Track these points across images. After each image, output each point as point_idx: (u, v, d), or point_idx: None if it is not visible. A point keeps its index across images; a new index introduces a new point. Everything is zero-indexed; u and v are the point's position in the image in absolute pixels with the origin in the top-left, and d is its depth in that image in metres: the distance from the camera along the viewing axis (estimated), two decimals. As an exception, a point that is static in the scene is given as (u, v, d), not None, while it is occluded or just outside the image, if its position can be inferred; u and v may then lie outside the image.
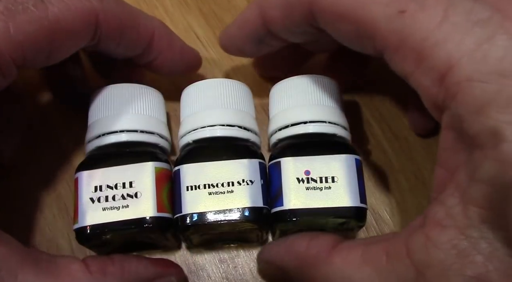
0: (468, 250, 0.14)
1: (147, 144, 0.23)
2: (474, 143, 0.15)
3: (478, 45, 0.14)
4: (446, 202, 0.15)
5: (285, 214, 0.21)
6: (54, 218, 0.25)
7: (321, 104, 0.23)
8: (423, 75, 0.16)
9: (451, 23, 0.15)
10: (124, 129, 0.22)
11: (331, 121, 0.22)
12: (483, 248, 0.14)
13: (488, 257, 0.14)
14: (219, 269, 0.24)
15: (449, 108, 0.15)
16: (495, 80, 0.14)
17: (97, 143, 0.22)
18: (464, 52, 0.15)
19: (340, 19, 0.18)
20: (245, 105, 0.24)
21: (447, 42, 0.15)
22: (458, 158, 0.16)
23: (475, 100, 0.14)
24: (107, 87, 0.23)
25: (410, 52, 0.16)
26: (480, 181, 0.14)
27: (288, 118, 0.23)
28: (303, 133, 0.22)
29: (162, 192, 0.21)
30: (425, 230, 0.16)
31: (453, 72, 0.15)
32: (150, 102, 0.23)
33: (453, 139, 0.16)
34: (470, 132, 0.15)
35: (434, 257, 0.15)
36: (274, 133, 0.23)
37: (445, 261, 0.15)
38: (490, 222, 0.14)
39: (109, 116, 0.23)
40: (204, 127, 0.22)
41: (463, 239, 0.14)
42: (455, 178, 0.15)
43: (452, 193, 0.15)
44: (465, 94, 0.15)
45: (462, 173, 0.15)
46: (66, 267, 0.19)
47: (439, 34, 0.15)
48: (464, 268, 0.14)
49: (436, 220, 0.15)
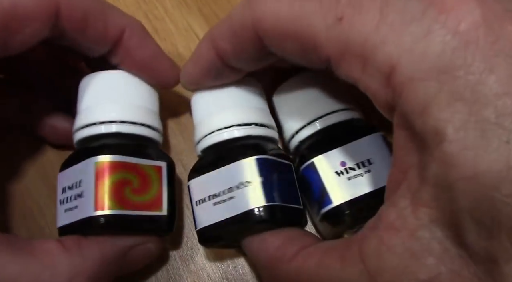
0: (420, 253, 0.14)
1: (104, 135, 0.22)
2: (422, 143, 0.14)
3: (415, 43, 0.14)
4: (398, 204, 0.15)
5: (337, 210, 0.21)
6: (54, 218, 0.25)
7: (329, 95, 0.23)
8: (370, 78, 0.16)
9: (387, 23, 0.15)
10: (89, 123, 0.22)
11: (343, 109, 0.22)
12: (434, 249, 0.14)
13: (440, 258, 0.14)
14: (219, 269, 0.24)
15: (397, 107, 0.15)
16: (435, 77, 0.14)
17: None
18: (403, 51, 0.14)
19: (284, 39, 0.18)
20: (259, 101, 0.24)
21: (386, 43, 0.15)
22: (410, 158, 0.15)
23: (418, 99, 0.14)
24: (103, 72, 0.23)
25: (354, 58, 0.16)
26: (427, 181, 0.14)
27: (307, 116, 0.23)
28: (326, 127, 0.22)
29: (104, 187, 0.20)
30: (378, 232, 0.15)
31: (396, 73, 0.15)
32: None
33: (405, 139, 0.15)
34: (417, 132, 0.14)
35: (387, 261, 0.15)
36: (294, 135, 0.23)
37: (398, 265, 0.14)
38: (440, 222, 0.14)
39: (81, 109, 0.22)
40: (212, 132, 0.22)
41: (414, 241, 0.14)
42: (407, 179, 0.15)
43: (404, 194, 0.15)
44: (409, 94, 0.14)
45: (413, 173, 0.15)
46: (42, 246, 0.19)
47: (378, 36, 0.15)
48: (417, 271, 0.14)
49: (389, 222, 0.15)
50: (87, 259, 0.20)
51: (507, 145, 0.12)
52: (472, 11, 0.14)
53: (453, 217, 0.13)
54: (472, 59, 0.13)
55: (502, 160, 0.12)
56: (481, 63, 0.13)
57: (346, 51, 0.16)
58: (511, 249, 0.12)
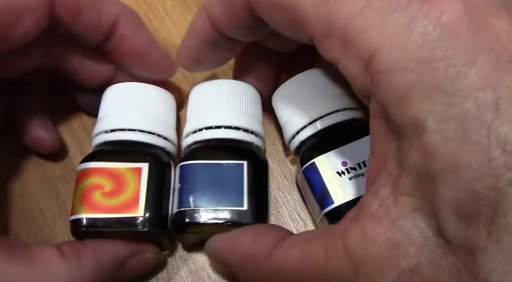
0: (402, 242, 0.14)
1: (99, 145, 0.23)
2: (400, 133, 0.14)
3: (397, 32, 0.14)
4: (379, 193, 0.15)
5: (339, 210, 0.21)
6: (54, 218, 0.25)
7: (329, 95, 0.23)
8: (349, 62, 0.16)
9: (372, 9, 0.15)
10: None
11: (345, 108, 0.22)
12: (415, 238, 0.14)
13: (420, 247, 0.14)
14: (219, 269, 0.24)
15: (374, 96, 0.15)
16: (415, 68, 0.14)
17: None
18: (384, 39, 0.14)
19: (273, 7, 0.18)
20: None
21: (368, 29, 0.15)
22: (388, 147, 0.15)
23: (397, 89, 0.14)
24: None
25: (336, 39, 0.16)
26: (407, 171, 0.14)
27: (308, 116, 0.23)
28: (327, 127, 0.22)
29: (76, 194, 0.21)
30: (361, 223, 0.15)
31: (375, 61, 0.14)
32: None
33: (382, 128, 0.15)
34: (395, 122, 0.14)
35: (370, 252, 0.15)
36: (294, 136, 0.23)
37: (381, 255, 0.14)
38: (421, 211, 0.14)
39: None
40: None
41: (396, 230, 0.14)
42: (386, 167, 0.15)
43: (384, 183, 0.15)
44: (387, 83, 0.14)
45: (392, 162, 0.15)
46: (40, 252, 0.19)
47: (361, 21, 0.15)
48: (399, 261, 0.14)
49: (371, 212, 0.15)
50: (84, 267, 0.20)
51: (487, 138, 0.12)
52: (455, 3, 0.14)
53: (434, 206, 0.13)
54: (453, 51, 0.13)
55: (482, 153, 0.12)
56: (462, 56, 0.13)
57: (329, 31, 0.16)
58: (487, 240, 0.12)
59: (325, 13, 0.16)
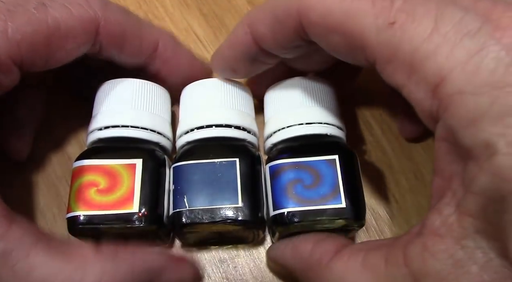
0: (464, 260, 0.14)
1: (94, 142, 0.23)
2: (468, 155, 0.15)
3: (469, 57, 0.14)
4: (442, 211, 0.15)
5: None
6: (54, 218, 0.25)
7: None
8: (415, 87, 0.16)
9: (441, 35, 0.15)
10: None
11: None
12: (478, 258, 0.14)
13: (483, 267, 0.14)
14: (219, 269, 0.24)
15: (442, 120, 0.15)
16: (486, 92, 0.14)
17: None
18: (455, 64, 0.14)
19: (330, 31, 0.18)
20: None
21: (438, 54, 0.15)
22: (454, 168, 0.16)
23: (468, 113, 0.14)
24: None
25: (401, 65, 0.16)
26: (475, 192, 0.14)
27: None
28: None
29: (71, 192, 0.21)
30: (423, 238, 0.16)
31: (444, 85, 0.15)
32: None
33: (448, 150, 0.16)
34: (464, 145, 0.15)
35: (430, 267, 0.15)
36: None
37: (441, 271, 0.15)
38: (485, 232, 0.14)
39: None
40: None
41: (459, 249, 0.15)
42: (451, 188, 0.16)
43: (449, 203, 0.15)
44: (457, 107, 0.14)
45: (458, 183, 0.15)
46: (77, 248, 0.20)
47: (430, 46, 0.15)
48: (460, 279, 0.14)
49: (433, 229, 0.15)
50: (117, 269, 0.20)
51: None
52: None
53: (501, 229, 0.14)
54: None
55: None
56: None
57: (394, 56, 0.16)
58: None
59: (390, 38, 0.16)
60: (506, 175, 0.13)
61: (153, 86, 0.24)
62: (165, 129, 0.24)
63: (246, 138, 0.23)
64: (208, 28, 0.30)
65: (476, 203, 0.14)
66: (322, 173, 0.21)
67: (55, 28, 0.20)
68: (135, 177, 0.21)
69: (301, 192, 0.21)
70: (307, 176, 0.21)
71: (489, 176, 0.14)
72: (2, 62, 0.19)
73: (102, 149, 0.23)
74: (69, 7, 0.21)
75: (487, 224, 0.14)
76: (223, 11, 0.31)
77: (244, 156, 0.22)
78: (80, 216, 0.21)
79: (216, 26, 0.30)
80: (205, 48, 0.30)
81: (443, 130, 0.16)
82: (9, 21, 0.19)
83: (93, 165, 0.22)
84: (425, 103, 0.16)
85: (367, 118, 0.28)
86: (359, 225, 0.21)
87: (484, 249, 0.14)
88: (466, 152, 0.15)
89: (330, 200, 0.21)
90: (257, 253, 0.25)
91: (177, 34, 0.30)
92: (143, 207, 0.21)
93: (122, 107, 0.23)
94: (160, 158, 0.23)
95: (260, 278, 0.24)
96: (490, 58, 0.14)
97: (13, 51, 0.19)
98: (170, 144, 0.24)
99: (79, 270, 0.19)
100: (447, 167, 0.16)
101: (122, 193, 0.21)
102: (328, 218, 0.21)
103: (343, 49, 0.18)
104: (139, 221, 0.21)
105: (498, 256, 0.14)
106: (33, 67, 0.21)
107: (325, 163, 0.21)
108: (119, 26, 0.22)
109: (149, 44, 0.24)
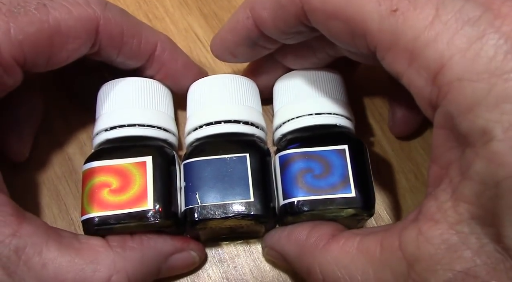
0: (458, 245, 0.15)
1: (100, 144, 0.23)
2: (465, 141, 0.15)
3: (469, 44, 0.14)
4: (438, 197, 0.16)
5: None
6: (54, 218, 0.25)
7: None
8: (416, 75, 0.16)
9: (442, 22, 0.15)
10: None
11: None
12: (472, 243, 0.14)
13: (476, 252, 0.14)
14: (219, 269, 0.24)
15: (440, 106, 0.16)
16: (485, 79, 0.14)
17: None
18: (455, 52, 0.15)
19: (331, 17, 0.18)
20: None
21: (438, 42, 0.15)
22: (451, 155, 0.16)
23: (466, 99, 0.14)
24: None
25: (402, 52, 0.16)
26: (471, 178, 0.14)
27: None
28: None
29: (84, 194, 0.22)
30: (418, 224, 0.16)
31: (444, 72, 0.15)
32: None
33: (446, 137, 0.16)
34: (461, 131, 0.15)
35: (424, 251, 0.15)
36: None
37: (434, 255, 0.15)
38: (479, 218, 0.14)
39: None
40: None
41: (453, 234, 0.15)
42: (448, 174, 0.16)
43: (445, 189, 0.16)
44: (456, 93, 0.15)
45: (455, 169, 0.15)
46: (87, 242, 0.20)
47: (430, 33, 0.15)
48: (453, 263, 0.15)
49: (429, 215, 0.16)
50: (128, 258, 0.21)
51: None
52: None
53: (495, 214, 0.14)
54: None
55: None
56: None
57: (395, 43, 0.16)
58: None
59: (392, 25, 0.16)
60: (501, 160, 0.13)
61: (156, 84, 0.24)
62: (171, 126, 0.24)
63: (255, 134, 0.23)
64: (208, 28, 0.30)
65: (472, 189, 0.14)
66: (331, 162, 0.21)
67: (56, 28, 0.20)
68: (146, 174, 0.22)
69: (311, 181, 0.21)
70: (317, 166, 0.21)
71: (485, 161, 0.14)
72: (5, 62, 0.20)
73: (111, 149, 0.23)
74: (69, 6, 0.21)
75: (482, 209, 0.14)
76: (223, 11, 0.31)
77: (254, 150, 0.22)
78: (95, 218, 0.21)
79: (216, 26, 0.30)
80: (205, 48, 0.30)
81: (442, 118, 0.16)
82: (11, 21, 0.19)
83: (103, 166, 0.22)
84: (424, 90, 0.16)
85: (368, 118, 0.28)
86: (368, 214, 0.21)
87: (479, 234, 0.14)
88: (464, 138, 0.15)
89: (339, 189, 0.21)
90: (257, 253, 0.25)
91: (177, 34, 0.30)
92: (157, 203, 0.21)
93: (127, 107, 0.23)
94: (169, 154, 0.23)
95: (260, 278, 0.24)
96: (489, 46, 0.14)
97: (16, 51, 0.20)
98: (176, 140, 0.25)
99: (91, 263, 0.20)
100: (445, 154, 0.16)
101: (135, 191, 0.21)
102: (338, 207, 0.21)
103: (344, 36, 0.18)
104: (154, 217, 0.21)
105: (491, 242, 0.14)
106: (35, 67, 0.21)
107: (334, 153, 0.22)
108: (118, 26, 0.22)
109: (147, 46, 0.24)
